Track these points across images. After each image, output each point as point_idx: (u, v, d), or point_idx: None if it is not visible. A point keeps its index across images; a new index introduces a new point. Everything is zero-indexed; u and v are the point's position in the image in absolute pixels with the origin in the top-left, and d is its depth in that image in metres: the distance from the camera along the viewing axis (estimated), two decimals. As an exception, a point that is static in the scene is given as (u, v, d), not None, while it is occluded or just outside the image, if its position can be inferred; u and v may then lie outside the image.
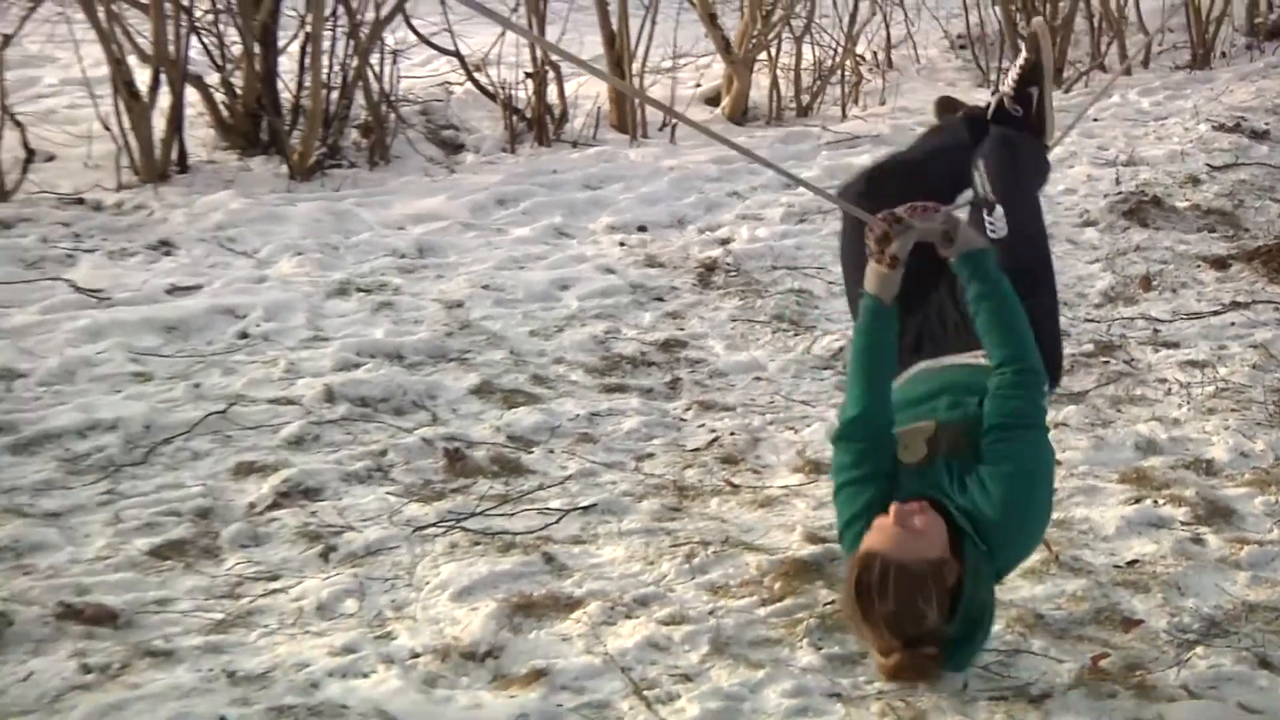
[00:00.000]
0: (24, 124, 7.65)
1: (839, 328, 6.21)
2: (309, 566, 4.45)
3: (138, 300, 6.31)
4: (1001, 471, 3.59)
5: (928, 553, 3.45)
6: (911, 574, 3.41)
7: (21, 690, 3.79)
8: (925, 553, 3.45)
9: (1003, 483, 3.58)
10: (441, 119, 9.11)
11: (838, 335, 6.14)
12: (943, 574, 3.46)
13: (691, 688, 3.81)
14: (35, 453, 5.06)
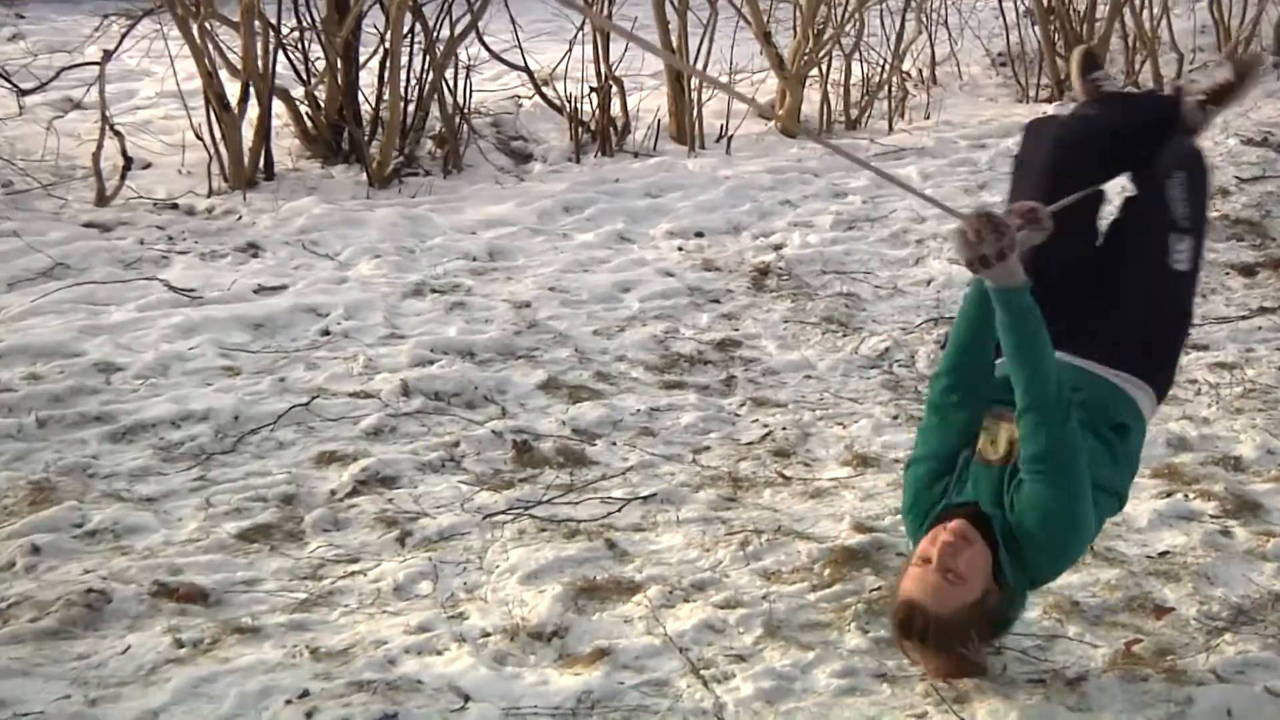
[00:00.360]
0: (123, 134, 7.71)
1: (885, 329, 6.20)
2: (386, 550, 4.46)
3: (227, 299, 6.34)
4: (1039, 503, 3.40)
5: (968, 598, 3.37)
6: (954, 624, 3.36)
7: (120, 663, 3.81)
8: (966, 598, 3.36)
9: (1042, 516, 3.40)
10: (511, 130, 9.12)
11: (884, 336, 6.13)
12: (983, 608, 3.41)
13: (745, 667, 3.81)
14: (132, 441, 5.10)
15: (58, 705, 3.63)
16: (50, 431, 5.12)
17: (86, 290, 6.36)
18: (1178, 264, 3.75)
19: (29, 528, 4.46)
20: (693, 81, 8.94)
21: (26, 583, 4.18)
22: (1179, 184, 3.79)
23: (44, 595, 4.09)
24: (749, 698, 3.68)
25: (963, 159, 8.88)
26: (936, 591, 3.32)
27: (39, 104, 8.57)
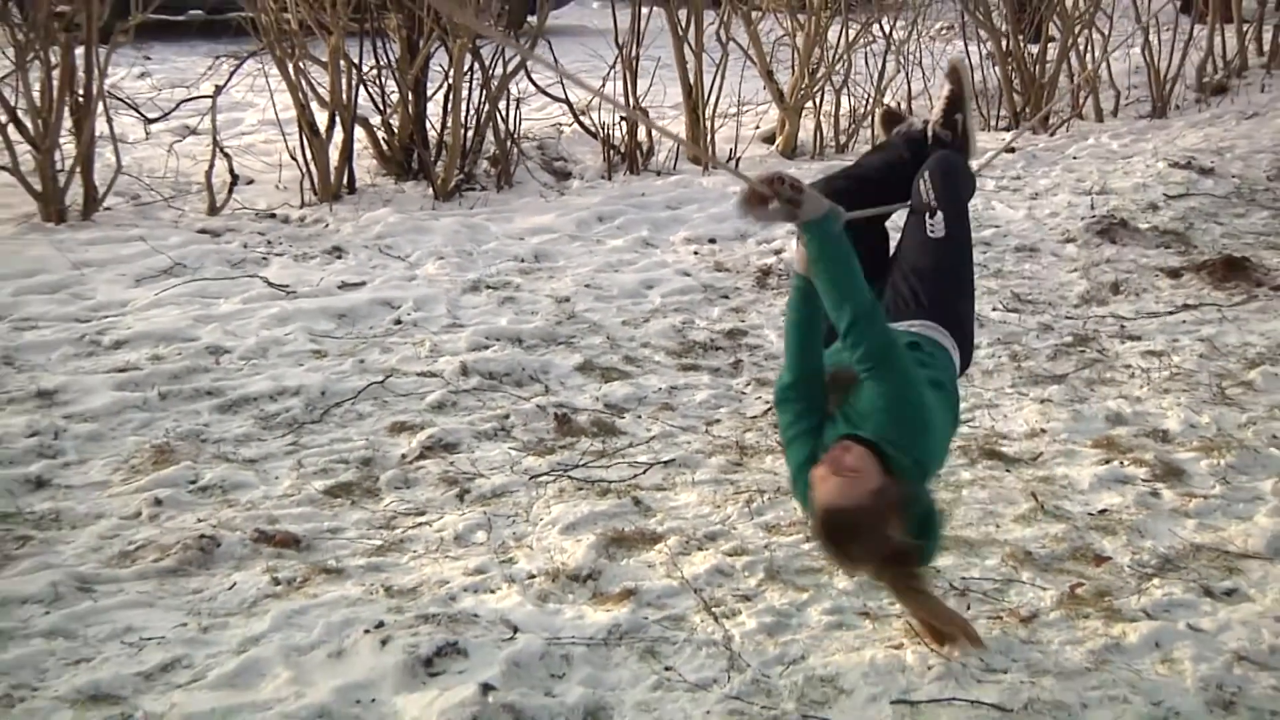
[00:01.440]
0: (231, 155, 7.71)
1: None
2: (448, 505, 4.47)
3: (316, 293, 6.34)
4: (881, 394, 3.31)
5: (868, 485, 3.19)
6: (864, 510, 3.18)
7: (227, 597, 3.83)
8: (866, 486, 3.19)
9: (886, 402, 3.30)
10: (554, 152, 9.10)
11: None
12: (887, 495, 3.21)
13: (750, 605, 3.81)
14: (237, 412, 5.10)
15: (176, 631, 3.65)
16: (170, 403, 5.13)
17: (200, 286, 6.37)
18: (933, 233, 3.79)
19: (152, 483, 4.47)
20: (707, 111, 8.91)
21: (150, 529, 4.20)
22: (923, 180, 3.86)
23: (165, 540, 4.11)
24: (753, 631, 3.68)
25: (933, 178, 8.83)
26: (840, 488, 3.18)
27: (162, 130, 8.57)
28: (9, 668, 3.45)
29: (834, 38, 9.41)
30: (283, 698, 3.36)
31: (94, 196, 7.37)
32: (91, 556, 4.04)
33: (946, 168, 3.95)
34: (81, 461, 4.66)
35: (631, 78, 8.76)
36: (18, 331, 5.73)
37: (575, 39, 10.48)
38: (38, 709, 3.29)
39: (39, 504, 4.35)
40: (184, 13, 10.49)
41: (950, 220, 3.82)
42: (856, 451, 3.25)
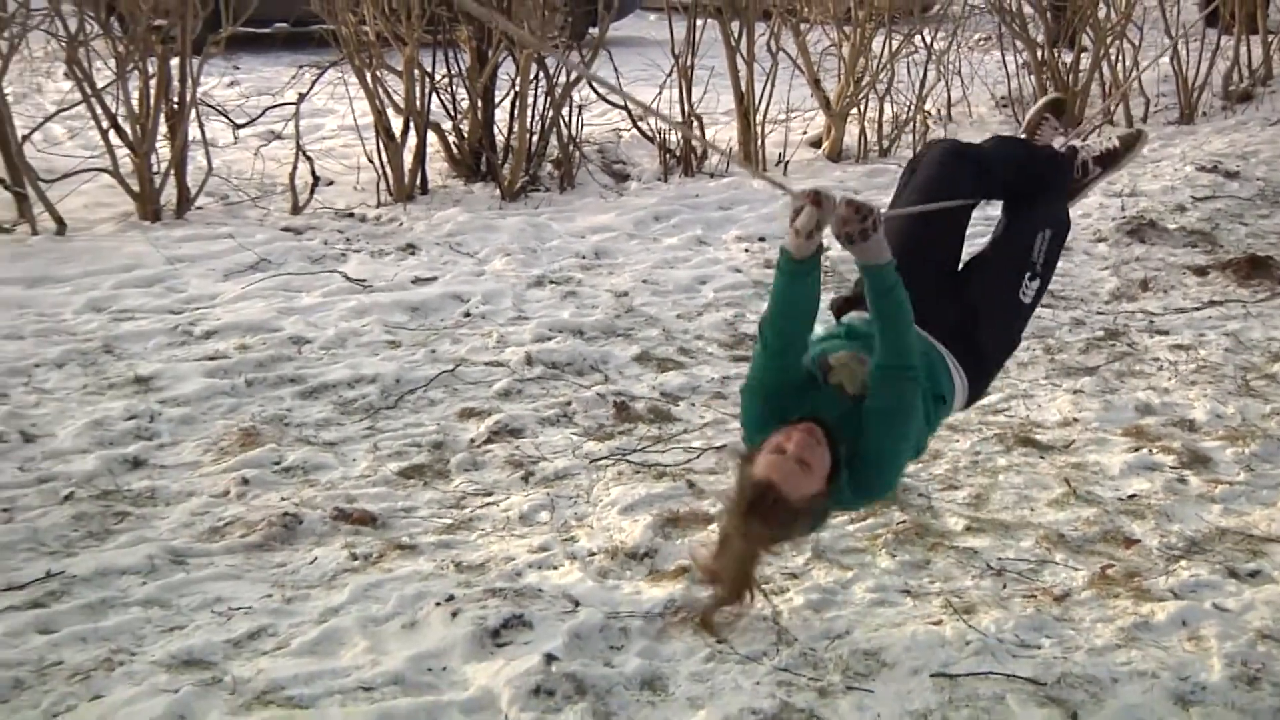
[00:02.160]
0: (312, 158, 7.76)
1: (909, 316, 6.11)
2: (514, 486, 4.47)
3: (391, 287, 6.36)
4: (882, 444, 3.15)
5: (811, 487, 3.06)
6: (794, 508, 3.05)
7: (308, 570, 3.85)
8: (809, 488, 3.05)
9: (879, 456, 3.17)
10: (613, 156, 9.08)
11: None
12: (815, 504, 3.11)
13: (797, 583, 3.80)
14: (318, 398, 5.13)
15: (262, 602, 3.67)
16: (256, 390, 5.16)
17: (283, 280, 6.40)
18: (1025, 297, 3.55)
19: (240, 464, 4.51)
20: (757, 117, 8.88)
21: (238, 507, 4.23)
22: (1045, 239, 3.57)
23: (251, 517, 4.14)
24: (800, 606, 3.67)
25: (971, 181, 8.76)
26: (790, 476, 3.02)
27: (249, 135, 8.62)
28: (110, 634, 3.48)
29: (878, 48, 9.34)
30: (360, 665, 3.38)
31: (187, 196, 7.43)
32: (184, 531, 4.07)
33: (1066, 235, 3.71)
34: (175, 443, 4.71)
35: (687, 85, 8.74)
36: (117, 322, 5.78)
37: (634, 49, 10.47)
38: (136, 672, 3.32)
39: (136, 482, 4.39)
40: (270, 26, 10.54)
41: (1041, 290, 3.61)
42: (821, 452, 3.09)
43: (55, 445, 4.61)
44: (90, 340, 5.54)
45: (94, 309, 5.94)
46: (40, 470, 4.44)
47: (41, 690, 3.24)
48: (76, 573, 3.77)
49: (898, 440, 3.19)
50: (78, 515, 4.13)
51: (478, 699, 3.23)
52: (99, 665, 3.34)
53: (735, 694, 3.30)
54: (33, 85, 9.72)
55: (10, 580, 3.73)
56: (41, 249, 6.74)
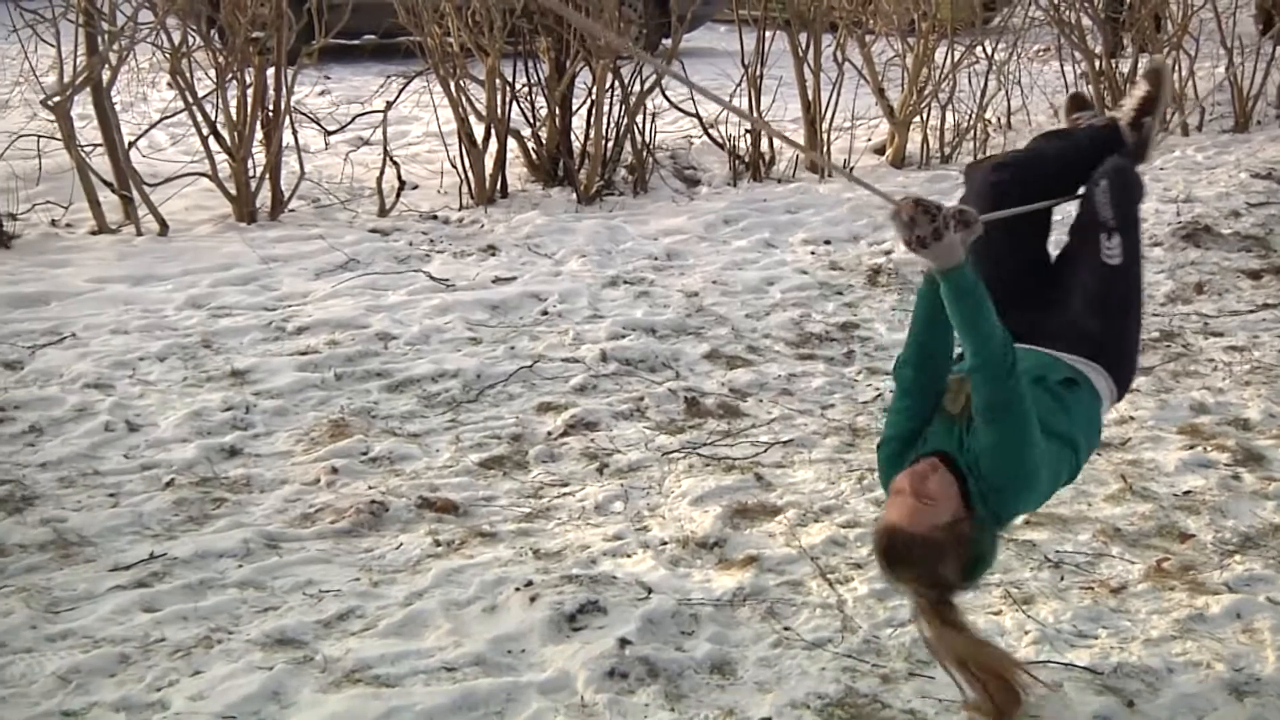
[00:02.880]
0: (399, 163, 7.80)
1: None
2: (589, 478, 4.48)
3: (473, 287, 6.39)
4: (993, 445, 2.88)
5: (941, 518, 2.84)
6: (929, 542, 2.83)
7: (394, 556, 3.88)
8: (938, 518, 2.84)
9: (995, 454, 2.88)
10: (684, 161, 9.06)
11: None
12: (956, 532, 2.85)
13: (862, 573, 3.77)
14: (403, 391, 5.16)
15: (350, 585, 3.70)
16: (344, 383, 5.20)
17: (371, 279, 6.45)
18: (1110, 259, 3.20)
19: (329, 454, 4.54)
20: (823, 125, 8.83)
21: (327, 495, 4.26)
22: (1103, 190, 3.23)
23: (340, 504, 4.17)
24: (864, 596, 3.65)
25: (1030, 186, 8.67)
26: (912, 513, 2.83)
27: (339, 141, 8.69)
28: (208, 613, 3.53)
29: (940, 59, 9.26)
30: (443, 646, 3.40)
31: (280, 199, 7.50)
32: (277, 517, 4.11)
33: (1128, 180, 3.34)
34: (268, 433, 4.75)
35: (755, 94, 8.71)
36: (215, 318, 5.85)
37: (705, 59, 10.43)
38: (233, 650, 3.36)
39: (233, 470, 4.44)
40: (360, 37, 10.62)
41: (1128, 245, 3.25)
42: (941, 478, 2.88)
43: (158, 434, 4.67)
44: (190, 335, 5.61)
45: (194, 306, 6.01)
46: (144, 458, 4.50)
47: (145, 665, 3.29)
48: (177, 555, 3.82)
49: (1014, 436, 2.88)
50: (178, 501, 4.19)
51: (555, 680, 3.24)
52: (199, 643, 3.38)
53: (801, 679, 3.28)
54: (139, 94, 9.84)
55: (117, 561, 3.79)
56: (145, 249, 6.84)
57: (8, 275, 6.31)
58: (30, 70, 7.64)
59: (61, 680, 3.21)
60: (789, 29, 8.77)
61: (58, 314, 5.84)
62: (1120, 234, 3.21)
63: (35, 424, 4.72)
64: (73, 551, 3.85)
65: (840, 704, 3.20)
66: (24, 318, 5.77)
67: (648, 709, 3.16)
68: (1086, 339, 3.22)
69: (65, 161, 7.24)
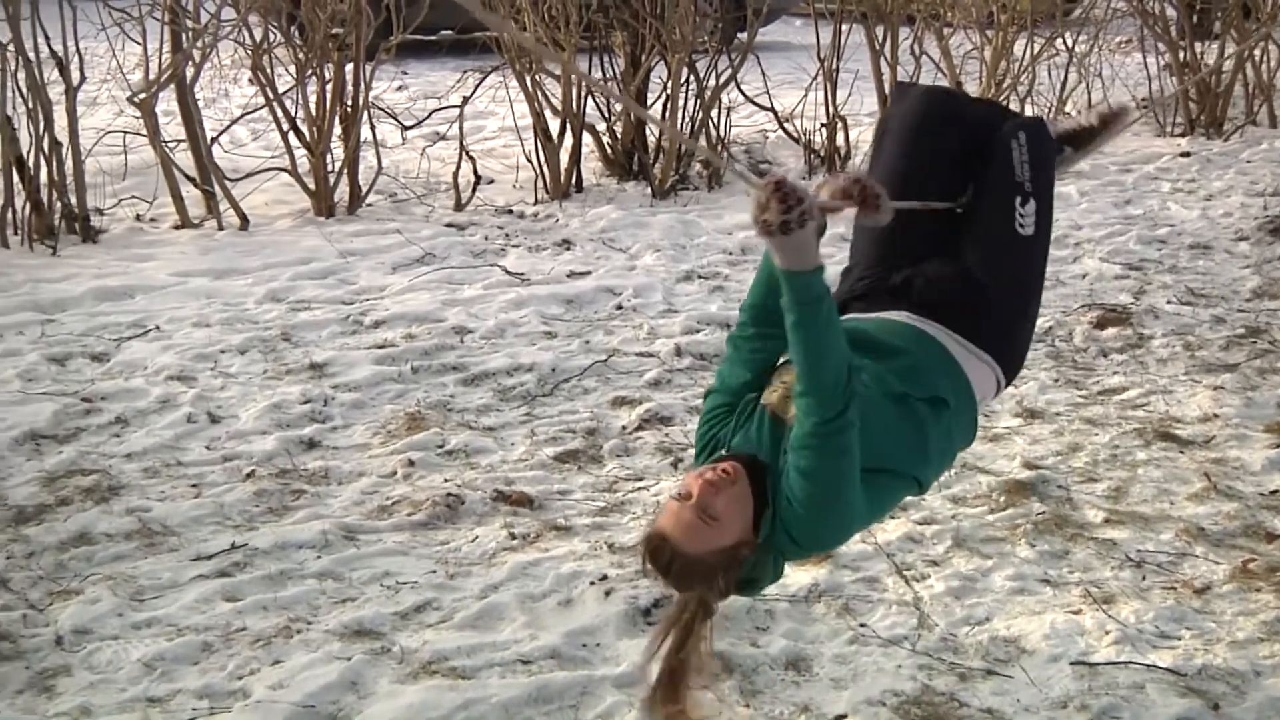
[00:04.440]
0: (475, 158, 7.84)
1: (1048, 312, 5.96)
2: (663, 472, 4.47)
3: (547, 281, 6.41)
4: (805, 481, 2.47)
5: (721, 541, 2.48)
6: (700, 564, 2.48)
7: (469, 549, 3.90)
8: (718, 541, 2.47)
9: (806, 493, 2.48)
10: (759, 156, 9.03)
11: (1047, 318, 5.88)
12: (733, 555, 2.50)
13: (938, 570, 3.74)
14: (478, 385, 5.18)
15: (426, 577, 3.73)
16: (421, 376, 5.24)
17: (447, 273, 6.49)
18: (1023, 228, 2.81)
19: (406, 447, 4.57)
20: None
21: (404, 487, 4.29)
22: (1021, 144, 2.85)
23: (417, 496, 4.20)
24: (941, 593, 3.62)
25: (1112, 180, 8.55)
26: (689, 529, 2.47)
27: (416, 136, 8.75)
28: (288, 603, 3.57)
29: (1019, 51, 9.15)
30: (519, 639, 3.41)
31: (358, 194, 7.57)
32: (355, 509, 4.15)
33: (1045, 138, 2.96)
34: (346, 426, 4.79)
35: (831, 88, 8.65)
36: (294, 311, 5.92)
37: (781, 53, 10.40)
38: (312, 640, 3.39)
39: (311, 462, 4.49)
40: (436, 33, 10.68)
41: (1042, 214, 2.85)
42: (735, 493, 2.49)
43: (238, 426, 4.73)
44: (270, 328, 5.68)
45: (273, 299, 6.08)
46: (225, 449, 4.56)
47: (227, 654, 3.34)
48: (258, 545, 3.87)
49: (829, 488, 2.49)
50: (258, 492, 4.24)
51: (629, 674, 3.24)
52: (279, 632, 3.42)
53: (877, 676, 3.26)
54: (221, 91, 9.98)
55: (199, 551, 3.85)
56: (227, 243, 6.93)
57: (95, 269, 6.42)
58: (117, 68, 7.77)
59: (147, 667, 3.27)
60: (866, 22, 8.71)
61: (142, 307, 5.94)
62: (1035, 199, 2.85)
63: (121, 415, 4.79)
64: (157, 541, 3.91)
65: (916, 702, 3.17)
66: (110, 310, 5.87)
67: (722, 704, 3.15)
68: (972, 312, 2.81)
69: (150, 157, 7.35)
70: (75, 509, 4.09)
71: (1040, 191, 2.85)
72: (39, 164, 6.73)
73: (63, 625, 3.44)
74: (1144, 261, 6.82)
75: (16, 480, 4.27)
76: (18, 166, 6.72)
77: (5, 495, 4.17)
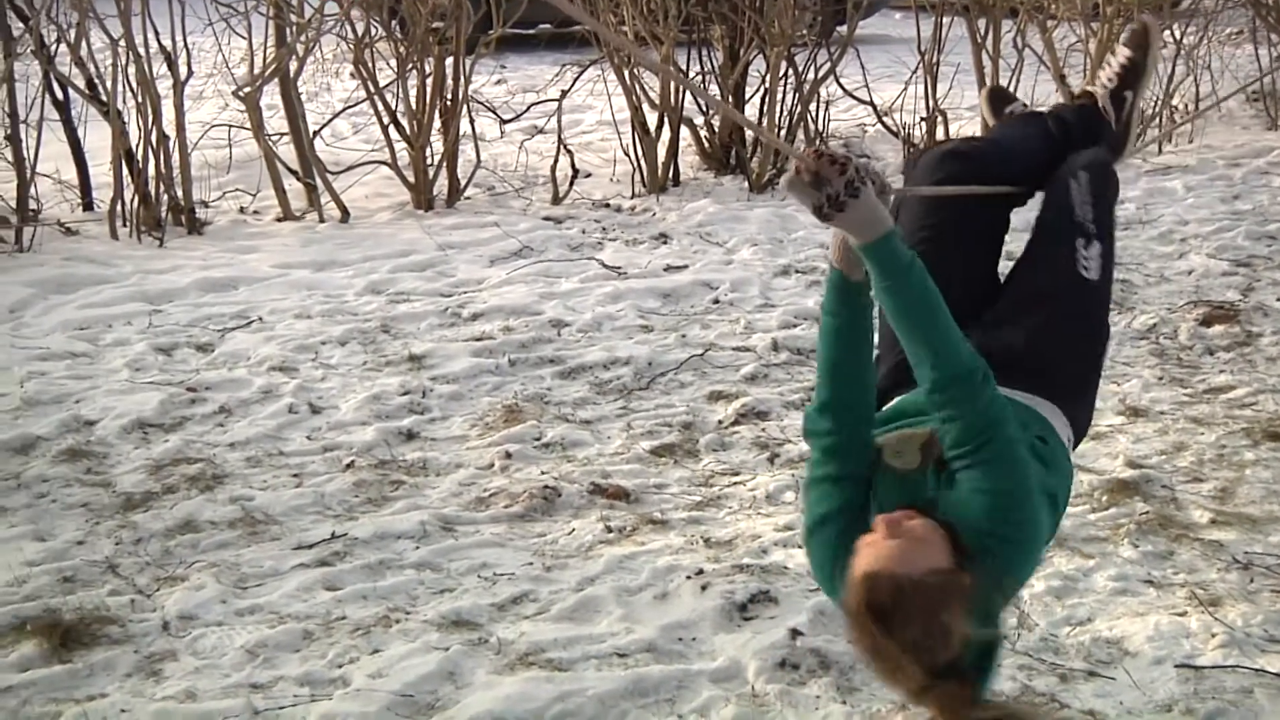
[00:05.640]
0: (572, 152, 7.87)
1: (1153, 309, 5.86)
2: (760, 467, 4.46)
3: (644, 275, 6.42)
4: (982, 489, 2.23)
5: (935, 561, 2.15)
6: (928, 587, 2.11)
7: (566, 541, 3.92)
8: (933, 561, 2.15)
9: (987, 498, 2.23)
10: (858, 150, 8.96)
11: (1152, 314, 5.78)
12: (955, 581, 2.14)
13: (1039, 570, 3.65)
14: (575, 378, 5.20)
15: (524, 569, 3.75)
16: (518, 369, 5.27)
17: (544, 266, 6.52)
18: (1087, 271, 2.63)
19: (503, 439, 4.60)
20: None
21: (502, 479, 4.32)
22: (1083, 185, 2.70)
23: (514, 488, 4.22)
24: (1041, 593, 3.56)
25: (1220, 175, 8.36)
26: (896, 552, 2.15)
27: (514, 130, 8.81)
28: (387, 593, 3.61)
29: (1125, 42, 8.98)
30: (615, 632, 3.42)
31: (457, 187, 7.64)
32: (453, 500, 4.18)
33: (1109, 174, 2.81)
34: (444, 417, 4.84)
35: (932, 81, 8.56)
36: (393, 304, 5.99)
37: (880, 47, 10.32)
38: (411, 629, 3.43)
39: (410, 453, 4.54)
40: (535, 27, 10.74)
41: (1106, 256, 2.67)
42: (922, 523, 2.21)
43: (338, 417, 4.79)
44: (370, 320, 5.75)
45: (373, 291, 6.16)
46: (325, 440, 4.62)
47: (328, 642, 3.38)
48: (358, 535, 3.92)
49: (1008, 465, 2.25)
50: (358, 482, 4.29)
51: (725, 669, 3.24)
52: (378, 621, 3.47)
53: (976, 676, 3.22)
54: (323, 85, 10.13)
55: (300, 540, 3.91)
56: (328, 235, 7.03)
57: (200, 260, 6.55)
58: (223, 62, 7.91)
59: (250, 654, 3.33)
60: (968, 14, 8.60)
61: (245, 298, 6.04)
62: (1100, 242, 2.67)
63: (225, 405, 4.88)
64: (259, 529, 3.98)
65: (1016, 702, 3.13)
66: (214, 301, 5.99)
67: (819, 701, 3.14)
68: (1041, 368, 2.59)
69: (254, 150, 7.48)
70: (181, 497, 4.17)
71: (1103, 233, 2.69)
72: (147, 157, 6.88)
73: (169, 611, 3.51)
74: (1252, 258, 6.66)
75: (125, 468, 4.37)
76: (127, 160, 6.87)
77: (114, 483, 4.27)
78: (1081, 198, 2.70)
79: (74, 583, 3.66)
